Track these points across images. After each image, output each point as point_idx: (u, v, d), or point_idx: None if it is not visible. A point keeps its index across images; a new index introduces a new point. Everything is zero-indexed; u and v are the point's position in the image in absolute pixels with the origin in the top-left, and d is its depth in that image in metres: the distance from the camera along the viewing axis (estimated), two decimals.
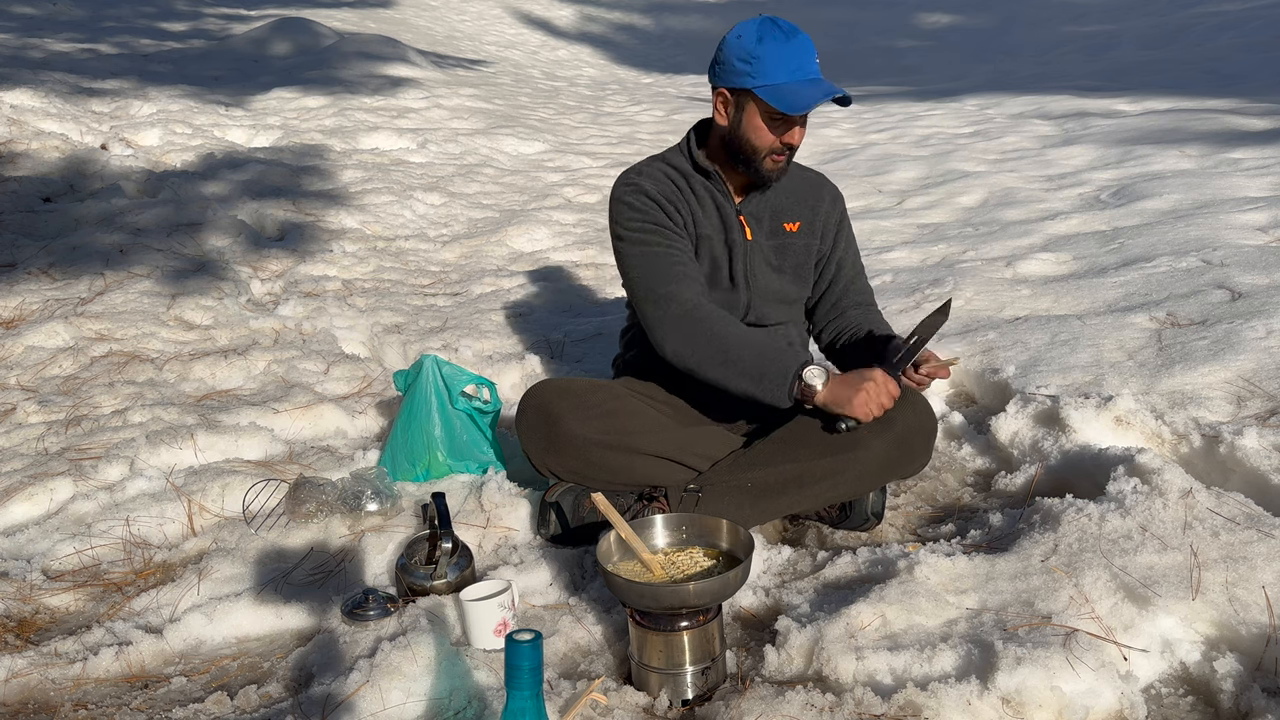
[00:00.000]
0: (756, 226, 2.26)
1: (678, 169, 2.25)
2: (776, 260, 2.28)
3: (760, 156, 2.13)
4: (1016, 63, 13.24)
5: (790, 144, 2.12)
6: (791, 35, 2.06)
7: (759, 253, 2.25)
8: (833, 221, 2.34)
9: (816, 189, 2.35)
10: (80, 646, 1.84)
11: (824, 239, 2.33)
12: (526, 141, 7.71)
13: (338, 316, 3.74)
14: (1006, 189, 5.25)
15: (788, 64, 2.04)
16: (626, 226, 2.20)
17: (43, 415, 2.84)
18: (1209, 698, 1.56)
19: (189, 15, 13.02)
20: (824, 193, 2.35)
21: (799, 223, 2.30)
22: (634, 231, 2.19)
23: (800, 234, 2.30)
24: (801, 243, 2.30)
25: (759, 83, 2.05)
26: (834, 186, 2.39)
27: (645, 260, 2.17)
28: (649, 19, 18.32)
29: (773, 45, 2.04)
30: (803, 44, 2.07)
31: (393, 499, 2.26)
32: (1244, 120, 6.42)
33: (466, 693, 1.61)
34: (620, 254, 2.24)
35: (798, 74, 2.05)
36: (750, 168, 2.16)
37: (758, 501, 2.07)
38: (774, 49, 2.04)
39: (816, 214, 2.32)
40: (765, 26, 2.07)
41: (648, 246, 2.17)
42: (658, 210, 2.19)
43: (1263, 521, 1.82)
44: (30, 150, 5.50)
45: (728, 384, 2.08)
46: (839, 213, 2.36)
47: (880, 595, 1.74)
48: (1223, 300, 3.04)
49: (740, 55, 2.07)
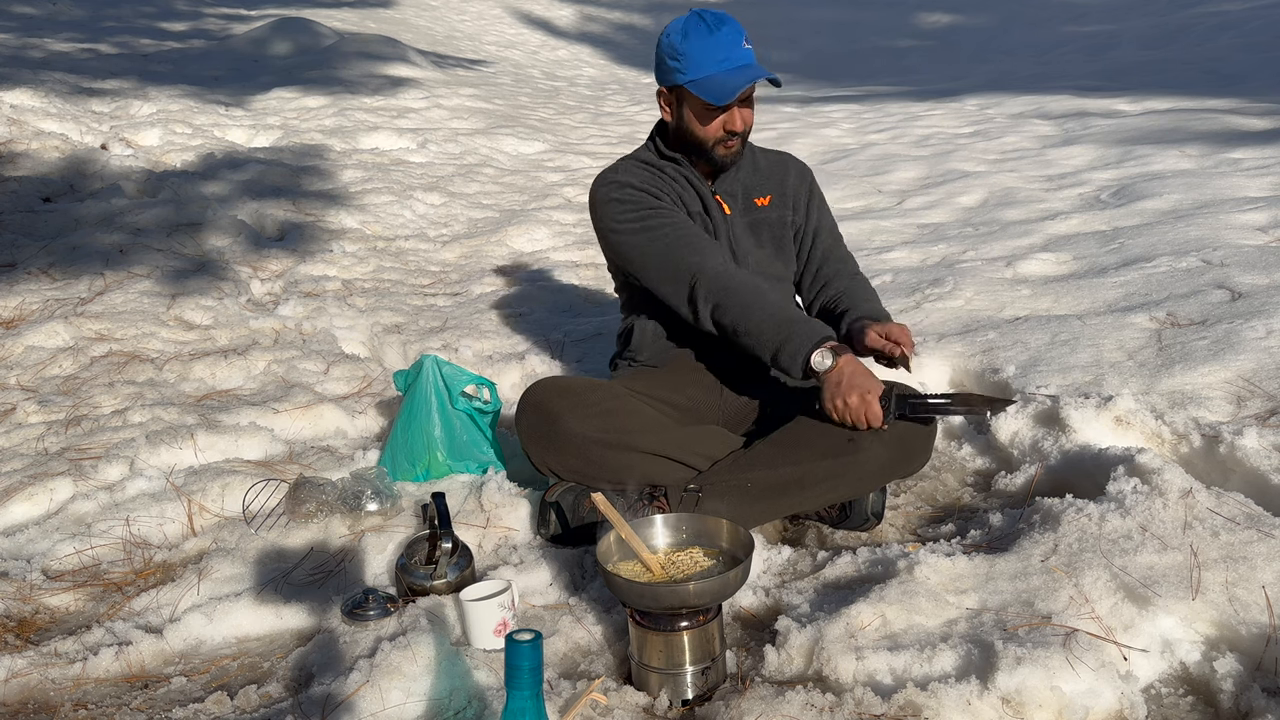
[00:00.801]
0: (732, 203, 2.32)
1: (648, 162, 2.32)
2: (754, 236, 2.34)
3: (709, 146, 2.21)
4: (1016, 63, 13.24)
5: (733, 130, 2.19)
6: (717, 26, 2.13)
7: (739, 228, 2.31)
8: (802, 192, 2.41)
9: (782, 165, 2.43)
10: (80, 646, 1.84)
11: (796, 210, 2.39)
12: (526, 141, 7.72)
13: (338, 316, 3.74)
14: (1006, 189, 5.25)
15: (714, 55, 2.11)
16: (621, 219, 2.23)
17: (43, 415, 2.84)
18: (1209, 698, 1.56)
19: (189, 15, 13.02)
20: (790, 167, 2.43)
21: (769, 196, 2.36)
22: (631, 221, 2.22)
23: (772, 207, 2.36)
24: (775, 215, 2.36)
25: (688, 78, 2.14)
26: (800, 161, 2.47)
27: (656, 242, 2.21)
28: (649, 19, 18.32)
29: (697, 39, 2.12)
30: (729, 32, 2.13)
31: (393, 499, 2.26)
32: (1244, 120, 6.42)
33: (466, 693, 1.61)
34: (624, 248, 2.25)
35: (724, 63, 2.12)
36: (705, 157, 2.24)
37: (758, 501, 2.07)
38: (698, 43, 2.12)
39: (785, 187, 2.39)
40: (691, 21, 2.15)
41: (652, 230, 2.20)
42: (647, 196, 2.25)
43: (1263, 521, 1.82)
44: (30, 150, 5.50)
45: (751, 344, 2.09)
46: (808, 184, 2.43)
47: (880, 595, 1.74)
48: (1223, 300, 3.04)
49: (670, 53, 2.16)
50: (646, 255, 2.22)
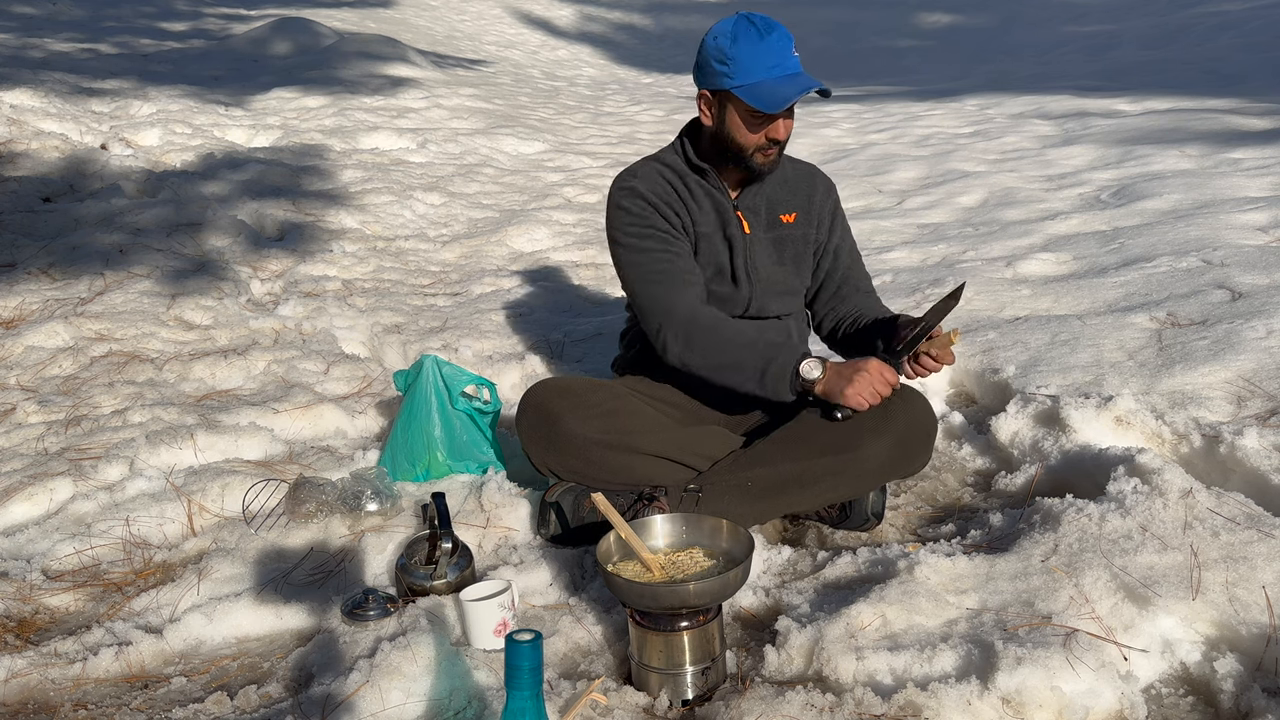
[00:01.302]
0: (754, 220, 2.27)
1: (672, 168, 2.26)
2: (776, 252, 2.29)
3: (748, 153, 2.15)
4: (1016, 63, 13.24)
5: (776, 139, 2.13)
6: (767, 32, 2.07)
7: (758, 246, 2.27)
8: (827, 210, 2.37)
9: (809, 179, 2.38)
10: (80, 646, 1.84)
11: (820, 228, 2.36)
12: (526, 141, 7.71)
13: (338, 316, 3.74)
14: (1006, 189, 5.25)
15: (764, 61, 2.06)
16: (625, 232, 2.22)
17: (43, 415, 2.84)
18: (1209, 698, 1.56)
19: (189, 15, 13.03)
20: (817, 183, 2.38)
21: (795, 213, 2.32)
22: (631, 237, 2.20)
23: (797, 224, 2.32)
24: (799, 233, 2.32)
25: (737, 83, 2.07)
26: (826, 176, 2.42)
27: (643, 268, 2.19)
28: (649, 19, 18.32)
29: (747, 44, 2.06)
30: (779, 39, 2.07)
31: (393, 499, 2.26)
32: (1244, 120, 6.42)
33: (466, 693, 1.61)
34: (619, 260, 2.25)
35: (775, 70, 2.06)
36: (741, 164, 2.18)
37: (758, 501, 2.07)
38: (749, 48, 2.06)
39: (811, 204, 2.35)
40: (740, 25, 2.09)
41: (645, 254, 2.19)
42: (654, 214, 2.20)
43: (1263, 521, 1.82)
44: (30, 150, 5.50)
45: (732, 387, 2.12)
46: (833, 201, 2.39)
47: (880, 595, 1.74)
48: (1223, 300, 3.04)
49: (717, 57, 2.09)
50: (632, 275, 2.21)
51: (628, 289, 2.25)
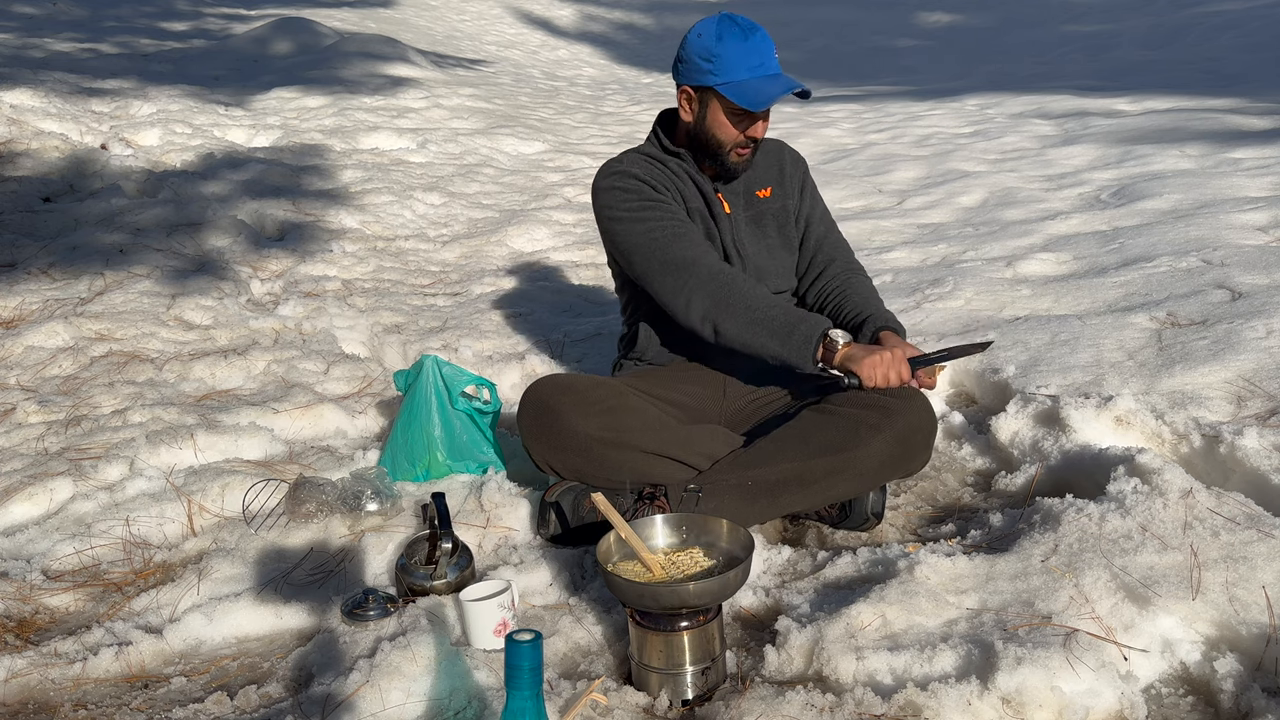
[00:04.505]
0: (734, 200, 2.33)
1: (651, 155, 2.32)
2: (759, 229, 2.35)
3: (725, 150, 2.21)
4: (1016, 63, 13.24)
5: (754, 137, 2.20)
6: (750, 32, 2.13)
7: (741, 225, 2.32)
8: (797, 178, 2.43)
9: (778, 153, 2.44)
10: (80, 646, 1.84)
11: (791, 196, 2.41)
12: (526, 141, 7.71)
13: (338, 316, 3.74)
14: (1006, 189, 5.25)
15: (748, 60, 2.12)
16: (621, 208, 2.24)
17: (43, 415, 2.84)
18: (1209, 698, 1.56)
19: (189, 15, 13.03)
20: (785, 155, 2.45)
21: (770, 187, 2.38)
22: (631, 210, 2.23)
23: (774, 198, 2.38)
24: (777, 205, 2.38)
25: (720, 80, 2.13)
26: (793, 149, 2.48)
27: (652, 233, 2.21)
28: (649, 19, 18.32)
29: (732, 43, 2.11)
30: (761, 40, 2.14)
31: (393, 499, 2.26)
32: (1244, 120, 6.42)
33: (466, 693, 1.61)
34: (619, 237, 2.25)
35: (758, 70, 2.13)
36: (716, 161, 2.24)
37: (758, 500, 2.07)
38: (733, 46, 2.11)
39: (783, 174, 2.41)
40: (724, 24, 2.14)
41: (650, 221, 2.21)
42: (648, 189, 2.25)
43: (1263, 521, 1.82)
44: (30, 150, 5.50)
45: (753, 342, 2.12)
46: (801, 171, 2.45)
47: (880, 595, 1.74)
48: (1223, 300, 3.04)
49: (702, 54, 2.14)
50: (640, 245, 2.22)
51: (634, 261, 2.25)
